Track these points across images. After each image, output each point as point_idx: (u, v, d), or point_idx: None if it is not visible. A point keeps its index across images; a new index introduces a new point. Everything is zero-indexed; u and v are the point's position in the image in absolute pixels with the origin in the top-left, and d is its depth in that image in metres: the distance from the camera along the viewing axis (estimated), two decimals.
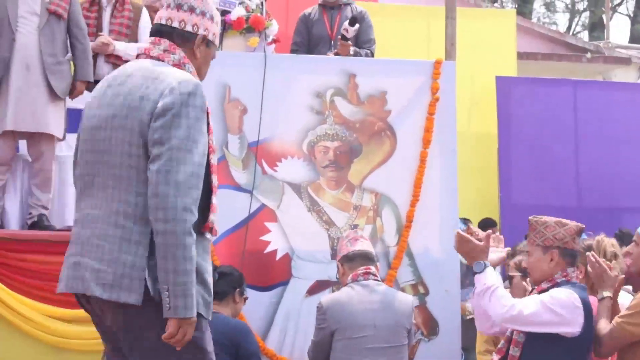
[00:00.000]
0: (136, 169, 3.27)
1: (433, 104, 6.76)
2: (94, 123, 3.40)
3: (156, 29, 3.52)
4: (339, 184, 6.64)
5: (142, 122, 3.25)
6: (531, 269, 4.81)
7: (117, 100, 3.34)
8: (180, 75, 3.35)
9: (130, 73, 3.39)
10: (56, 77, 6.78)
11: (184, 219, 3.16)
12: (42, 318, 6.10)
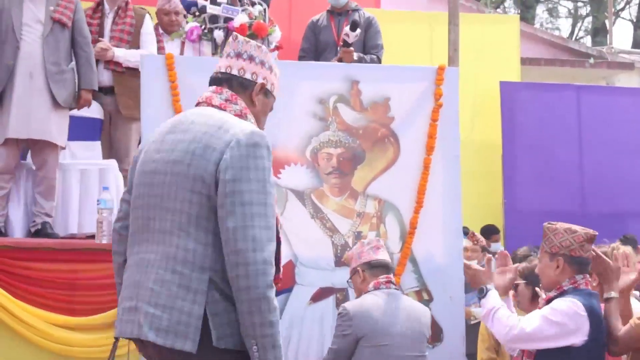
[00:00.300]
0: (196, 216, 3.28)
1: (436, 110, 6.75)
2: (153, 167, 3.40)
3: (216, 77, 3.55)
4: (342, 191, 6.63)
5: (207, 171, 3.26)
6: (540, 276, 4.83)
7: (180, 147, 3.35)
8: (245, 126, 3.36)
9: (193, 120, 3.40)
10: (59, 85, 6.78)
11: (265, 273, 3.19)
12: (45, 325, 6.09)
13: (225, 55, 3.55)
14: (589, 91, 11.97)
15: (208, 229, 3.27)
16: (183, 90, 6.38)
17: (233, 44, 3.54)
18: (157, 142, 3.45)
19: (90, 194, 7.01)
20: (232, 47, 3.54)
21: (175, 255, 3.28)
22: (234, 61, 3.50)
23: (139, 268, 3.37)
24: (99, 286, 6.26)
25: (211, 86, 3.55)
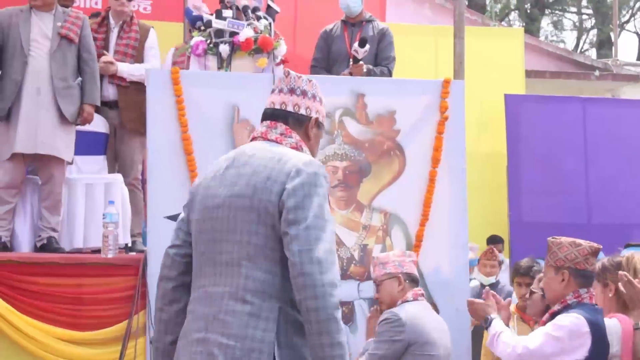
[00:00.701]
0: (263, 247, 3.36)
1: (442, 123, 6.75)
2: (216, 202, 3.48)
3: (271, 113, 3.64)
4: (348, 204, 6.63)
5: (270, 202, 3.35)
6: (545, 289, 4.83)
7: (241, 181, 3.44)
8: (303, 156, 3.48)
9: (252, 154, 3.50)
10: (66, 101, 6.80)
11: (331, 294, 3.26)
12: (51, 340, 6.09)
13: (277, 91, 3.65)
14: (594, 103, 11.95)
15: (275, 259, 3.36)
16: (189, 105, 6.40)
17: (286, 79, 3.65)
18: (217, 178, 3.53)
19: (95, 208, 7.01)
20: (284, 82, 3.65)
21: (245, 286, 3.35)
22: (288, 97, 3.62)
23: (206, 301, 3.43)
24: (104, 300, 6.26)
25: (265, 121, 3.64)
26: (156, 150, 6.39)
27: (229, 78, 6.69)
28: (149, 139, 6.42)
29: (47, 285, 6.22)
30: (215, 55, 6.76)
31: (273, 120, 3.61)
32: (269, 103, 3.65)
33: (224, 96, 6.50)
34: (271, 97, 3.66)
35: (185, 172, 6.36)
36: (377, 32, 7.70)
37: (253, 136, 3.63)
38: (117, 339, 6.18)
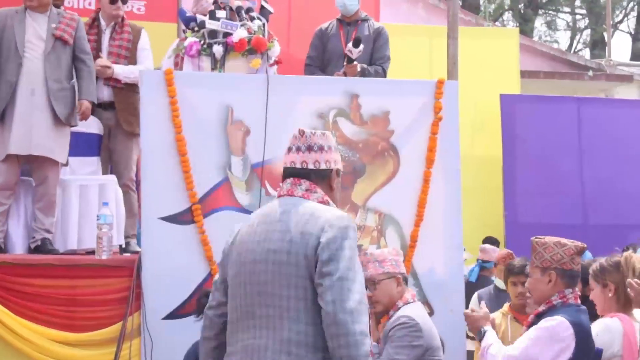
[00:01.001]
0: (303, 300, 3.55)
1: (436, 124, 6.74)
2: (253, 258, 3.65)
3: (293, 172, 3.81)
4: (342, 205, 6.61)
5: (307, 256, 3.55)
6: (531, 290, 4.85)
7: (276, 236, 3.63)
8: (333, 211, 3.70)
9: (283, 211, 3.69)
10: (60, 102, 6.79)
11: (363, 342, 3.45)
12: (45, 342, 6.06)
13: (295, 150, 3.81)
14: (589, 103, 11.98)
15: (315, 310, 3.53)
16: (182, 105, 6.38)
17: (301, 138, 3.81)
18: (251, 234, 3.71)
19: (89, 209, 7.00)
20: (300, 141, 3.81)
21: (288, 338, 3.53)
22: (307, 155, 3.79)
23: (247, 354, 3.59)
24: (99, 302, 6.25)
25: (288, 178, 3.81)
26: (150, 151, 6.38)
27: (222, 79, 6.68)
28: (143, 139, 6.41)
29: (41, 286, 6.20)
30: (209, 56, 6.75)
31: (295, 177, 3.78)
32: (289, 162, 3.81)
33: (218, 97, 6.48)
34: (289, 157, 3.82)
35: (179, 173, 6.35)
36: (373, 31, 7.71)
37: (279, 194, 3.80)
38: (112, 340, 6.16)
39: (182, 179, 6.35)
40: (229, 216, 6.40)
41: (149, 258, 6.27)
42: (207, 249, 6.33)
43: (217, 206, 6.41)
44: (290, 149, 3.84)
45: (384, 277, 5.39)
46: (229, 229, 6.27)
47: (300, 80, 6.95)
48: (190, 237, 6.35)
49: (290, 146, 3.84)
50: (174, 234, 6.32)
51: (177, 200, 6.36)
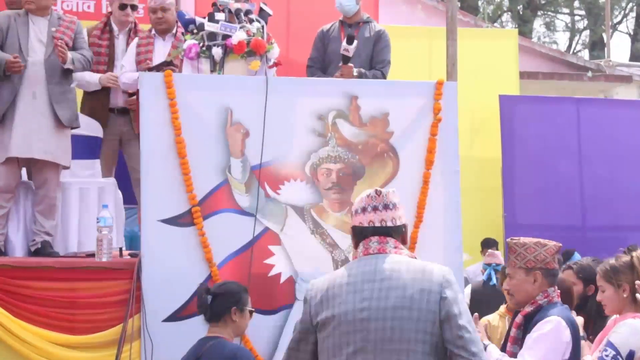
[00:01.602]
0: (427, 354, 3.68)
1: (435, 125, 6.75)
2: (366, 315, 3.73)
3: (374, 231, 3.91)
4: (342, 206, 6.63)
5: (430, 311, 3.69)
6: (515, 292, 4.88)
7: (394, 294, 3.73)
8: (441, 266, 3.86)
9: (390, 268, 3.79)
10: (62, 106, 6.80)
11: None
12: (45, 344, 6.07)
13: (371, 209, 3.92)
14: (588, 104, 11.99)
15: (438, 358, 3.71)
16: (182, 108, 6.39)
17: (378, 198, 3.92)
18: (358, 292, 3.78)
19: (89, 212, 7.01)
20: (377, 201, 3.92)
21: None
22: (385, 213, 3.90)
23: None
24: (99, 304, 6.25)
25: (371, 237, 3.90)
26: (150, 153, 6.38)
27: (221, 81, 6.69)
28: (143, 142, 6.41)
29: (42, 289, 6.20)
30: (208, 58, 6.75)
31: (380, 236, 3.89)
32: (366, 222, 3.91)
33: (217, 99, 6.49)
34: (366, 216, 3.92)
35: (179, 175, 6.35)
36: (374, 34, 7.66)
37: (368, 252, 3.87)
38: (112, 342, 6.16)
39: (181, 181, 6.36)
40: (228, 218, 6.42)
41: (149, 260, 6.27)
42: (206, 251, 6.33)
43: (216, 208, 6.42)
44: (365, 209, 3.94)
45: None
46: (229, 231, 6.36)
47: (299, 82, 6.96)
48: (190, 239, 6.35)
49: (364, 206, 3.94)
50: (174, 237, 6.33)
51: (176, 203, 6.37)
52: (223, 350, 5.12)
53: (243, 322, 5.37)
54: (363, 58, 7.39)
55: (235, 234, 6.42)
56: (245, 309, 5.37)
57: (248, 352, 5.31)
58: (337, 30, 7.72)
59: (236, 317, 5.30)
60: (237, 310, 5.31)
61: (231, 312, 5.30)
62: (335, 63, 7.51)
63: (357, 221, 3.94)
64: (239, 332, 5.36)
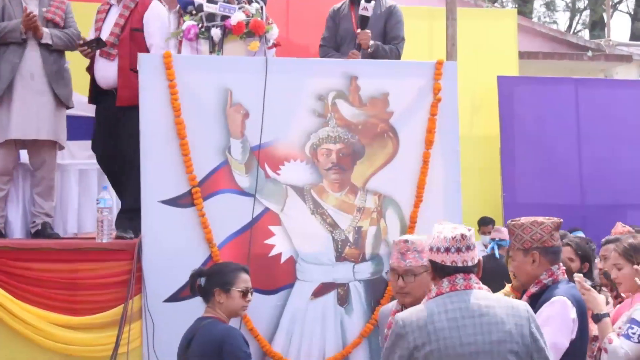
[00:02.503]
0: None
1: (435, 105, 6.75)
2: (474, 349, 3.96)
3: (457, 269, 4.11)
4: (342, 186, 6.64)
5: (525, 344, 4.00)
6: (517, 273, 4.90)
7: (495, 328, 3.99)
8: (517, 300, 4.29)
9: (486, 305, 4.04)
10: (59, 84, 6.81)
11: None
12: (46, 325, 6.09)
13: (455, 251, 4.11)
14: (587, 84, 11.98)
15: None
16: (181, 89, 6.39)
17: (463, 241, 4.12)
18: (462, 328, 3.99)
19: (89, 193, 7.02)
20: (462, 243, 4.12)
21: None
22: (467, 254, 4.11)
23: None
24: (100, 285, 6.26)
25: (458, 273, 4.10)
26: (149, 134, 6.38)
27: (221, 62, 6.68)
28: (142, 123, 6.40)
29: (43, 270, 6.21)
30: (207, 39, 6.74)
31: (464, 273, 4.10)
32: (449, 261, 4.10)
33: (217, 80, 6.49)
34: (450, 256, 4.11)
35: (179, 156, 6.36)
36: (385, 10, 7.48)
37: (453, 288, 4.08)
38: (113, 323, 6.18)
39: (181, 162, 6.36)
40: (228, 199, 6.42)
41: (149, 241, 6.29)
42: (207, 231, 6.34)
43: (216, 189, 6.43)
44: (448, 249, 4.11)
45: (423, 270, 4.91)
46: (230, 212, 6.37)
47: (298, 62, 6.95)
48: (190, 220, 6.37)
49: (448, 247, 4.11)
50: (174, 217, 6.34)
51: (176, 184, 6.37)
52: (212, 331, 5.10)
53: (231, 303, 5.24)
54: (375, 33, 7.25)
55: (235, 214, 6.43)
56: (231, 290, 5.24)
57: (237, 335, 5.15)
58: (347, 8, 7.63)
59: (221, 298, 5.22)
60: (221, 291, 5.23)
61: (214, 293, 5.25)
62: (348, 42, 7.45)
63: (440, 259, 4.13)
64: (230, 312, 5.26)
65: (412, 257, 4.97)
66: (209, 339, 5.07)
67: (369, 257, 6.61)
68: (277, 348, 6.42)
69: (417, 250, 5.00)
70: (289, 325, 6.46)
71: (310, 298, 6.51)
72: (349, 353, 6.52)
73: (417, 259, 4.97)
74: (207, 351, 5.04)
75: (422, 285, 4.87)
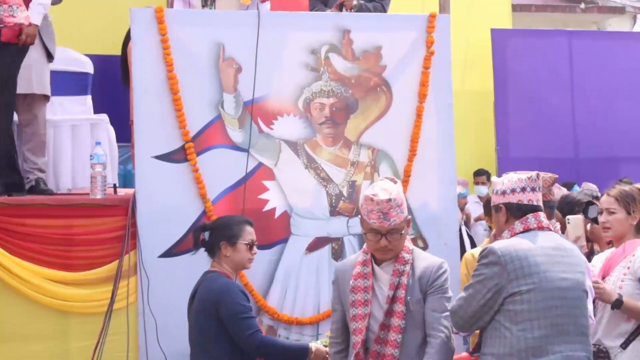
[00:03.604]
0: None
1: (428, 58, 6.73)
2: (567, 285, 4.30)
3: (534, 208, 4.43)
4: (335, 141, 6.63)
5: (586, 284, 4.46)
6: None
7: (576, 269, 4.37)
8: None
9: (563, 247, 4.42)
10: (49, 38, 6.77)
11: None
12: (42, 281, 6.10)
13: (530, 190, 4.42)
14: (580, 36, 11.94)
15: None
16: (173, 43, 6.35)
17: (537, 180, 4.46)
18: (555, 263, 4.30)
19: (82, 149, 6.99)
20: (536, 183, 4.44)
21: (591, 349, 4.41)
22: (534, 194, 4.43)
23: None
24: (94, 241, 6.27)
25: (530, 214, 4.41)
26: (142, 90, 6.36)
27: (213, 16, 6.64)
28: (135, 79, 6.38)
29: (37, 226, 6.21)
30: None
31: (535, 212, 4.42)
32: (526, 200, 4.42)
33: (209, 34, 6.45)
34: (528, 195, 4.42)
35: (172, 111, 6.34)
36: None
37: (540, 226, 4.40)
38: (108, 278, 6.20)
39: (174, 118, 6.34)
40: (222, 154, 6.42)
41: (143, 197, 6.28)
42: (200, 186, 6.34)
43: (210, 144, 6.42)
44: (524, 189, 4.42)
45: (404, 224, 4.72)
46: (223, 167, 6.36)
47: (291, 16, 6.91)
48: (184, 175, 6.36)
49: (524, 186, 4.42)
50: (168, 173, 6.33)
51: (170, 139, 6.36)
52: (211, 286, 5.11)
53: (237, 256, 5.25)
54: None
55: (229, 169, 6.43)
56: (237, 243, 5.25)
57: (234, 289, 5.12)
58: None
59: (227, 252, 5.22)
60: (228, 244, 5.23)
61: (221, 246, 5.26)
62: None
63: (516, 199, 4.40)
64: (236, 266, 5.27)
65: (395, 215, 4.62)
66: (207, 295, 5.09)
67: None
68: (272, 303, 6.45)
69: (399, 205, 4.64)
70: (284, 280, 6.48)
71: (305, 252, 6.53)
72: None
73: (400, 214, 4.64)
74: (205, 306, 5.06)
75: (403, 240, 4.73)
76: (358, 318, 4.64)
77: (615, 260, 5.09)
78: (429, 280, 4.64)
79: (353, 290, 4.68)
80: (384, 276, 4.69)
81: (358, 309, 4.65)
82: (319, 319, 6.47)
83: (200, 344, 5.10)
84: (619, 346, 4.89)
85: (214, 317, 5.02)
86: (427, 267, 4.69)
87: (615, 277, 5.02)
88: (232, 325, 5.01)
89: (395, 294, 4.61)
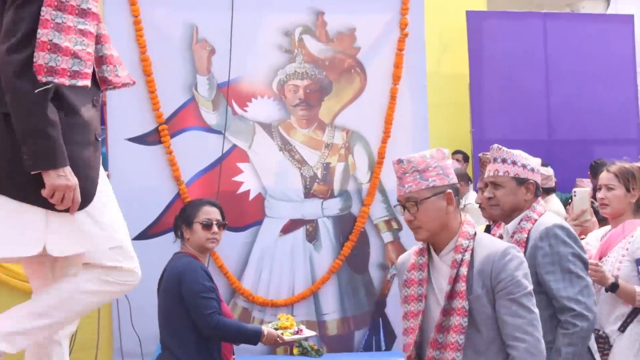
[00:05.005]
0: None
1: (402, 40, 6.74)
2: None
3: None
4: (310, 123, 6.63)
5: None
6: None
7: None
8: None
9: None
10: None
11: None
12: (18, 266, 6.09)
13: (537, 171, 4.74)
14: (555, 18, 11.94)
15: None
16: (146, 25, 6.33)
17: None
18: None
19: None
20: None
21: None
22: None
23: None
24: None
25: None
26: None
27: None
28: None
29: None
30: None
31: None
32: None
33: (182, 16, 6.43)
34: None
35: (145, 93, 6.32)
36: None
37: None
38: None
39: (148, 100, 6.33)
40: (196, 136, 6.41)
41: (117, 179, 6.24)
42: (174, 169, 6.33)
43: (184, 126, 6.41)
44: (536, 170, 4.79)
45: (429, 195, 3.77)
46: (198, 149, 6.35)
47: None
48: (158, 157, 6.35)
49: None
50: (142, 155, 6.32)
51: (143, 121, 6.34)
52: (175, 266, 5.10)
53: (195, 237, 5.16)
54: None
55: (203, 151, 6.42)
56: (193, 223, 5.18)
57: (195, 268, 5.06)
58: None
59: (187, 234, 5.19)
60: (185, 226, 5.20)
61: (182, 230, 5.26)
62: None
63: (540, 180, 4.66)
64: (198, 247, 5.18)
65: (411, 180, 3.78)
66: (170, 274, 5.07)
67: (337, 194, 6.64)
68: (247, 285, 6.45)
69: (418, 170, 3.81)
70: (258, 262, 6.48)
71: (279, 234, 6.54)
72: (318, 289, 6.57)
73: (419, 180, 3.78)
74: (168, 285, 5.04)
75: (431, 214, 3.76)
76: (410, 315, 3.82)
77: (614, 241, 4.94)
78: (492, 273, 3.69)
79: (406, 284, 3.88)
80: (443, 268, 3.81)
81: (411, 305, 3.84)
82: (293, 300, 6.48)
83: (167, 324, 5.09)
84: (617, 329, 4.80)
85: (177, 296, 5.00)
86: (489, 256, 3.73)
87: (613, 258, 4.89)
88: (191, 303, 4.99)
89: (454, 287, 3.71)
